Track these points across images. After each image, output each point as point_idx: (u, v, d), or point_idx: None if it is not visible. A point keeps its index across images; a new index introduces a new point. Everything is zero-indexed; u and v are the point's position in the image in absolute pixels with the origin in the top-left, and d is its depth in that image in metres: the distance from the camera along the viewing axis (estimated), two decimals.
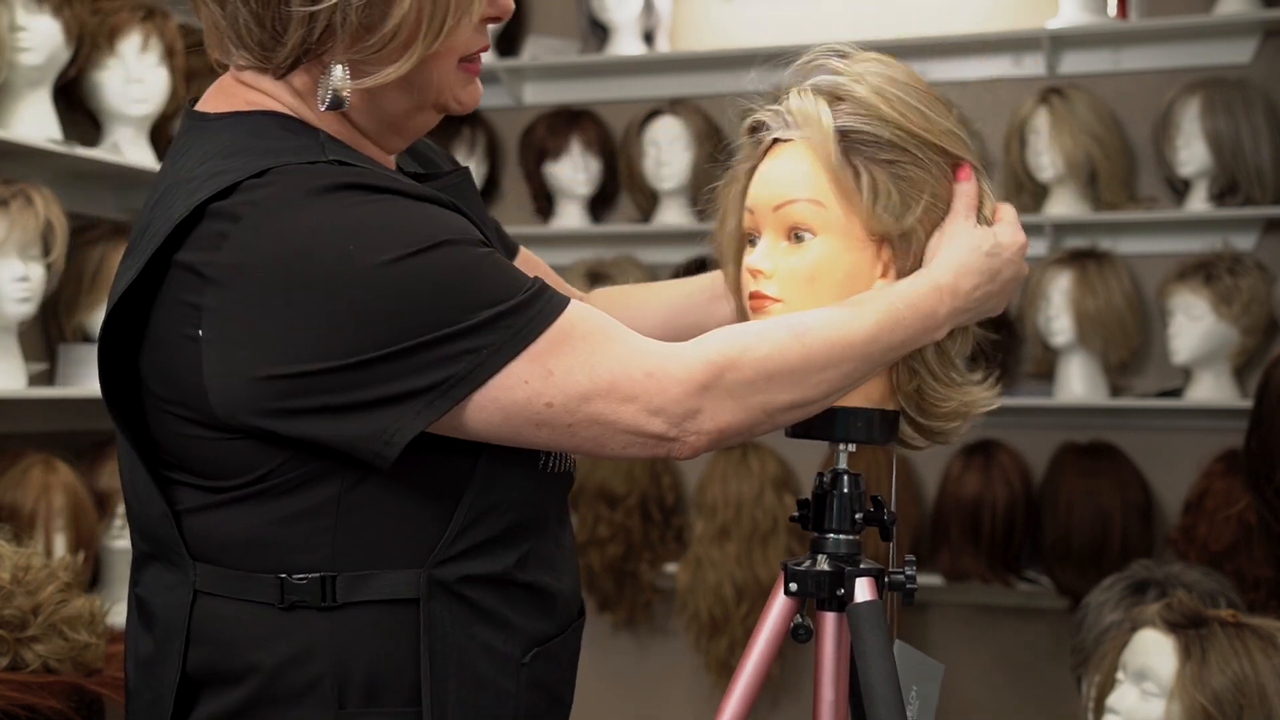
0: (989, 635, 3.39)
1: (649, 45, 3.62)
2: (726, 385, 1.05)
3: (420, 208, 1.02)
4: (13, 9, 2.47)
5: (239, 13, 1.04)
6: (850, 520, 1.20)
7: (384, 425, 0.99)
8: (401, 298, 0.97)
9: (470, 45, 1.10)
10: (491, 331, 0.99)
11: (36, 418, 2.67)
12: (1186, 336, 3.08)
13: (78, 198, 2.74)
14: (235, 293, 0.99)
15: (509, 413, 1.01)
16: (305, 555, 1.04)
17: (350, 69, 1.04)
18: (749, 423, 1.07)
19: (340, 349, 0.97)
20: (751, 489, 3.35)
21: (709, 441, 1.06)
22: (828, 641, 1.19)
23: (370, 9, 1.02)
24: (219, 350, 0.99)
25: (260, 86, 1.09)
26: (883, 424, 1.19)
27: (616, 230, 3.63)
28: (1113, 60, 3.34)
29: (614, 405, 1.02)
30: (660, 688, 3.64)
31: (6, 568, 1.80)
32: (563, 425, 1.02)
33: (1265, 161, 3.07)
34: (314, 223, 0.98)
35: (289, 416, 0.99)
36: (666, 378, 1.03)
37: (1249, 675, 1.74)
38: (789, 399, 1.08)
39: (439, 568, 1.06)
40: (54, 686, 1.76)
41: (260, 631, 1.05)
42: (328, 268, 0.97)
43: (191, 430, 1.04)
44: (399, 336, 0.97)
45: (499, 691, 1.09)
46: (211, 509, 1.06)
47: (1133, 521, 3.13)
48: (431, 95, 1.10)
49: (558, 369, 1.01)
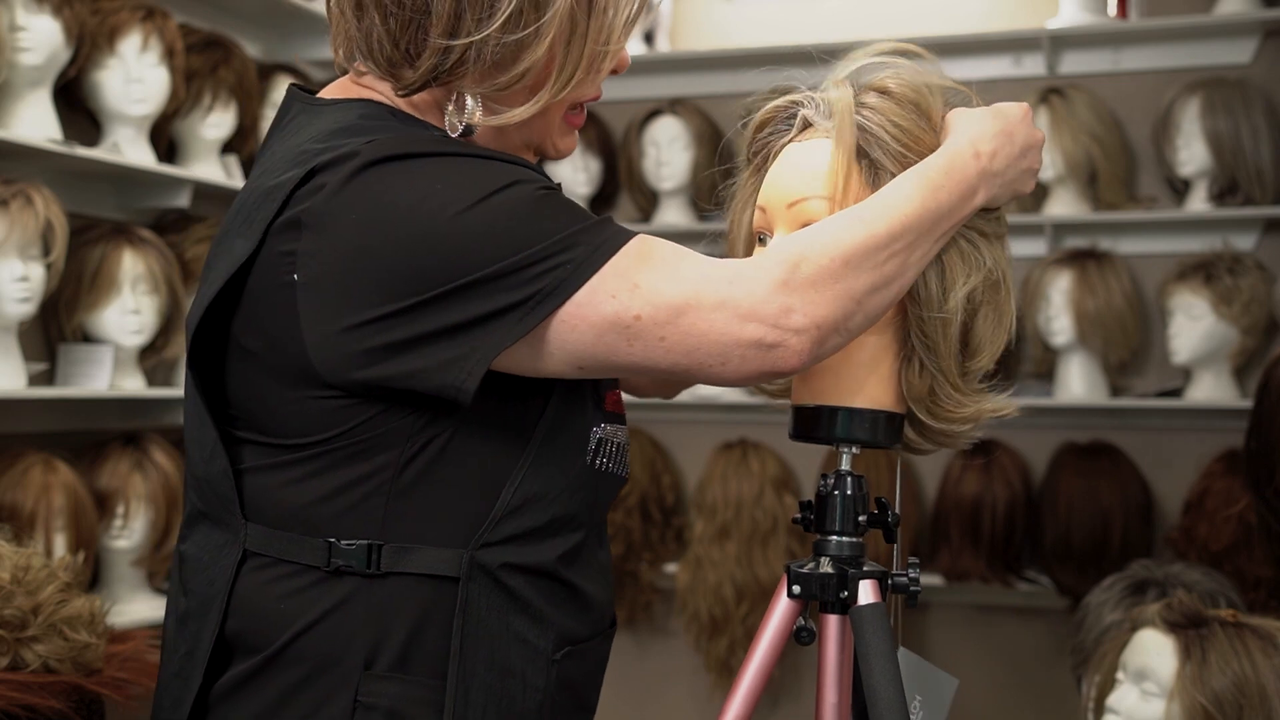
0: (989, 635, 3.39)
1: (649, 45, 3.62)
2: (806, 277, 1.03)
3: (495, 164, 1.04)
4: (13, 9, 2.46)
5: (374, 28, 1.07)
6: (853, 522, 1.20)
7: (472, 347, 1.00)
8: (482, 233, 0.99)
9: (585, 94, 1.15)
10: (572, 249, 1.00)
11: (36, 418, 2.67)
12: (1186, 336, 3.08)
13: (78, 198, 2.74)
14: (328, 238, 1.01)
15: (600, 329, 1.01)
16: (355, 522, 1.07)
17: (482, 104, 1.08)
18: (841, 313, 1.05)
19: (426, 284, 0.99)
20: (751, 489, 3.35)
21: (811, 341, 1.04)
22: (831, 644, 1.19)
23: (504, 50, 1.05)
24: (314, 293, 1.02)
25: (378, 89, 1.12)
26: (887, 426, 1.19)
27: None
28: (1113, 60, 3.34)
29: (705, 315, 1.01)
30: (660, 688, 3.64)
31: (6, 568, 1.80)
32: (655, 339, 1.02)
33: (1265, 161, 3.07)
34: (401, 176, 1.01)
35: (380, 357, 1.01)
36: (750, 280, 1.02)
37: (1249, 675, 1.74)
38: (869, 280, 1.07)
39: (482, 550, 1.07)
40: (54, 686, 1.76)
41: (301, 593, 1.07)
42: (412, 213, 1.00)
43: (272, 386, 1.06)
44: (482, 264, 0.99)
45: (526, 683, 1.10)
46: (273, 469, 1.08)
47: (1133, 521, 3.13)
48: (539, 138, 1.15)
49: (643, 282, 1.01)
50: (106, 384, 2.62)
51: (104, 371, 2.62)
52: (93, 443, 2.68)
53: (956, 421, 1.21)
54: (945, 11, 3.49)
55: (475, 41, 1.04)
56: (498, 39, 1.04)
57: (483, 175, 1.02)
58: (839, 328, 1.06)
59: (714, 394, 3.48)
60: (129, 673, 1.90)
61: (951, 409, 1.20)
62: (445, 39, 1.04)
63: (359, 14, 1.08)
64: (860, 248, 1.07)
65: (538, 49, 1.05)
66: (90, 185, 2.79)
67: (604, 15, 1.08)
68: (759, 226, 1.22)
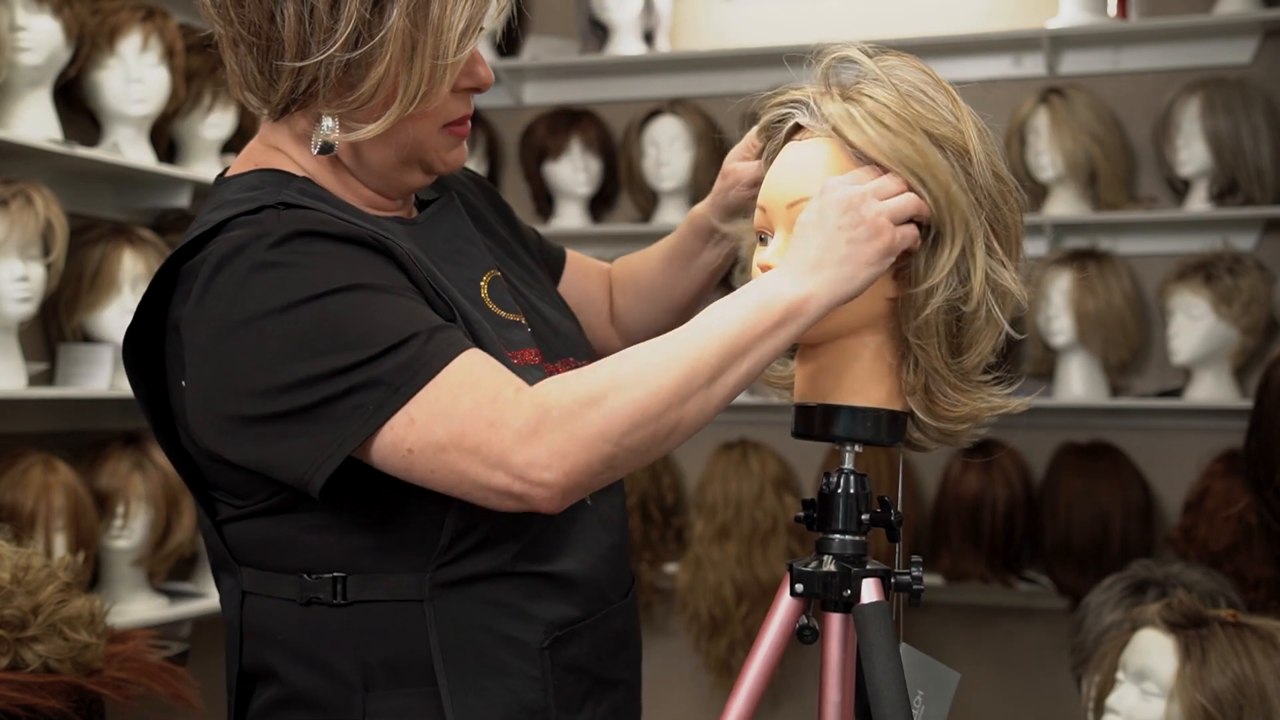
0: (989, 635, 3.39)
1: (649, 45, 3.62)
2: (555, 422, 1.03)
3: (323, 258, 1.09)
4: (13, 9, 2.46)
5: (246, 60, 1.16)
6: (856, 521, 1.19)
7: (299, 475, 1.07)
8: (293, 351, 1.06)
9: (452, 113, 1.19)
10: (367, 390, 1.05)
11: (36, 418, 2.66)
12: (1186, 336, 3.08)
13: (78, 198, 2.74)
14: (192, 349, 1.11)
15: (385, 457, 1.06)
16: (321, 558, 1.15)
17: (339, 122, 1.14)
18: (595, 456, 1.04)
19: (255, 400, 1.07)
20: (751, 489, 3.35)
21: (559, 492, 1.04)
22: (833, 642, 1.19)
23: (351, 70, 1.12)
24: (190, 398, 1.13)
25: (276, 144, 1.20)
26: (890, 425, 1.19)
27: (616, 230, 3.63)
28: (1113, 60, 3.34)
29: (462, 457, 1.04)
30: (660, 688, 3.63)
31: (6, 568, 1.79)
32: (425, 472, 1.06)
33: (1265, 161, 3.07)
34: (230, 286, 1.09)
35: (243, 448, 1.10)
36: (504, 427, 1.03)
37: (1249, 675, 1.74)
38: (625, 421, 1.04)
39: (440, 570, 1.13)
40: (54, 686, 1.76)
41: (289, 626, 1.16)
42: (238, 328, 1.08)
43: (205, 461, 1.17)
44: (294, 388, 1.06)
45: (524, 676, 1.15)
46: (242, 519, 1.18)
47: (1133, 521, 3.13)
48: (415, 154, 1.19)
49: (419, 416, 1.04)
50: (106, 384, 2.62)
51: (104, 371, 2.61)
52: (93, 443, 2.68)
53: (953, 420, 1.20)
54: (945, 11, 3.49)
55: (322, 61, 1.11)
56: (341, 59, 1.11)
57: (312, 274, 1.07)
58: (593, 470, 1.05)
59: None
60: (129, 673, 1.90)
61: (948, 407, 1.19)
62: (295, 61, 1.12)
63: (234, 51, 1.16)
64: (618, 387, 1.04)
65: (379, 66, 1.11)
66: (90, 185, 2.79)
67: (439, 32, 1.12)
68: (759, 227, 1.22)
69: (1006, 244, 1.20)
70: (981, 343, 1.19)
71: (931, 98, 1.17)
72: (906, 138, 1.15)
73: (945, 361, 1.18)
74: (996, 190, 1.18)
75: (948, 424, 1.20)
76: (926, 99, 1.17)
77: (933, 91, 1.18)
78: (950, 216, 1.15)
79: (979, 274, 1.16)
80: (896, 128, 1.15)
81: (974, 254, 1.16)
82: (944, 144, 1.16)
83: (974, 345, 1.18)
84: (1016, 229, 1.21)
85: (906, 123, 1.15)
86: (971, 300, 1.16)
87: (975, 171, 1.16)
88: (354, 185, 1.21)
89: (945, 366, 1.18)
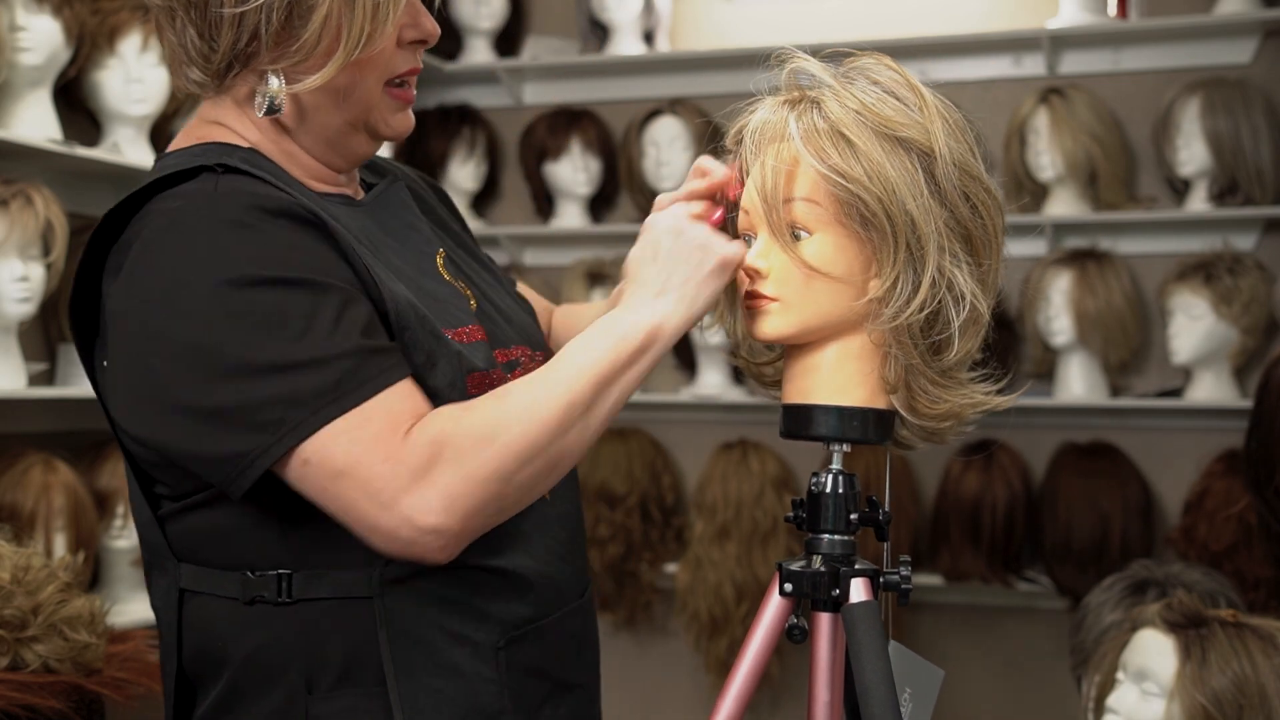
0: (989, 635, 3.39)
1: (649, 45, 3.62)
2: (447, 461, 1.01)
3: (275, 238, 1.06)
4: (13, 9, 2.47)
5: (185, 27, 1.13)
6: (845, 521, 1.19)
7: (219, 478, 1.05)
8: (216, 340, 1.03)
9: (396, 66, 1.17)
10: (287, 405, 1.02)
11: (36, 418, 2.67)
12: (1186, 336, 3.08)
13: (78, 198, 2.74)
14: (114, 332, 1.08)
15: (289, 466, 1.03)
16: (264, 554, 1.11)
17: (285, 77, 1.12)
18: (487, 495, 1.03)
19: (172, 393, 1.04)
20: (751, 489, 3.35)
21: (450, 538, 1.02)
22: (823, 642, 1.19)
23: (292, 16, 1.09)
24: (113, 377, 1.11)
25: (217, 118, 1.17)
26: (877, 423, 1.19)
27: (616, 230, 3.63)
28: (1113, 60, 3.34)
29: (355, 488, 1.01)
30: (660, 688, 3.64)
31: (6, 568, 1.80)
32: (318, 489, 1.03)
33: (1265, 161, 3.07)
34: (172, 254, 1.05)
35: (161, 440, 1.07)
36: (397, 464, 1.01)
37: (1249, 675, 1.74)
38: (516, 455, 1.03)
39: (389, 566, 1.10)
40: (54, 686, 1.76)
41: (232, 625, 1.12)
42: (160, 312, 1.04)
43: (134, 446, 1.13)
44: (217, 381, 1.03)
45: (479, 677, 1.13)
46: (183, 513, 1.14)
47: (1133, 521, 3.12)
48: (361, 114, 1.17)
49: (324, 432, 1.02)
50: None
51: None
52: (93, 443, 2.68)
53: (935, 417, 1.19)
54: (945, 11, 3.48)
55: (261, 5, 1.08)
56: (283, 2, 1.09)
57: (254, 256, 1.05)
58: (485, 512, 1.04)
59: (714, 394, 3.48)
60: (129, 673, 1.90)
61: (929, 404, 1.19)
62: (234, 8, 1.09)
63: (172, 25, 1.14)
64: (507, 423, 1.04)
65: (321, 7, 1.09)
66: (90, 185, 2.79)
67: None
68: (743, 228, 1.22)
69: (974, 243, 1.18)
70: (960, 341, 1.17)
71: (900, 98, 1.17)
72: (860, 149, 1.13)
73: (924, 359, 1.17)
74: (965, 190, 1.17)
75: (930, 421, 1.20)
76: (892, 101, 1.16)
77: (902, 92, 1.17)
78: (891, 225, 1.13)
79: (928, 277, 1.14)
80: (852, 138, 1.13)
81: (924, 258, 1.15)
82: (908, 146, 1.14)
83: (952, 343, 1.17)
84: (989, 228, 1.19)
85: (862, 132, 1.13)
86: (913, 304, 1.14)
87: (940, 172, 1.15)
88: (298, 156, 1.18)
89: (924, 364, 1.17)
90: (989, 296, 1.19)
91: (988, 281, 1.19)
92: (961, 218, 1.17)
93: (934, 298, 1.15)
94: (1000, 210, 1.20)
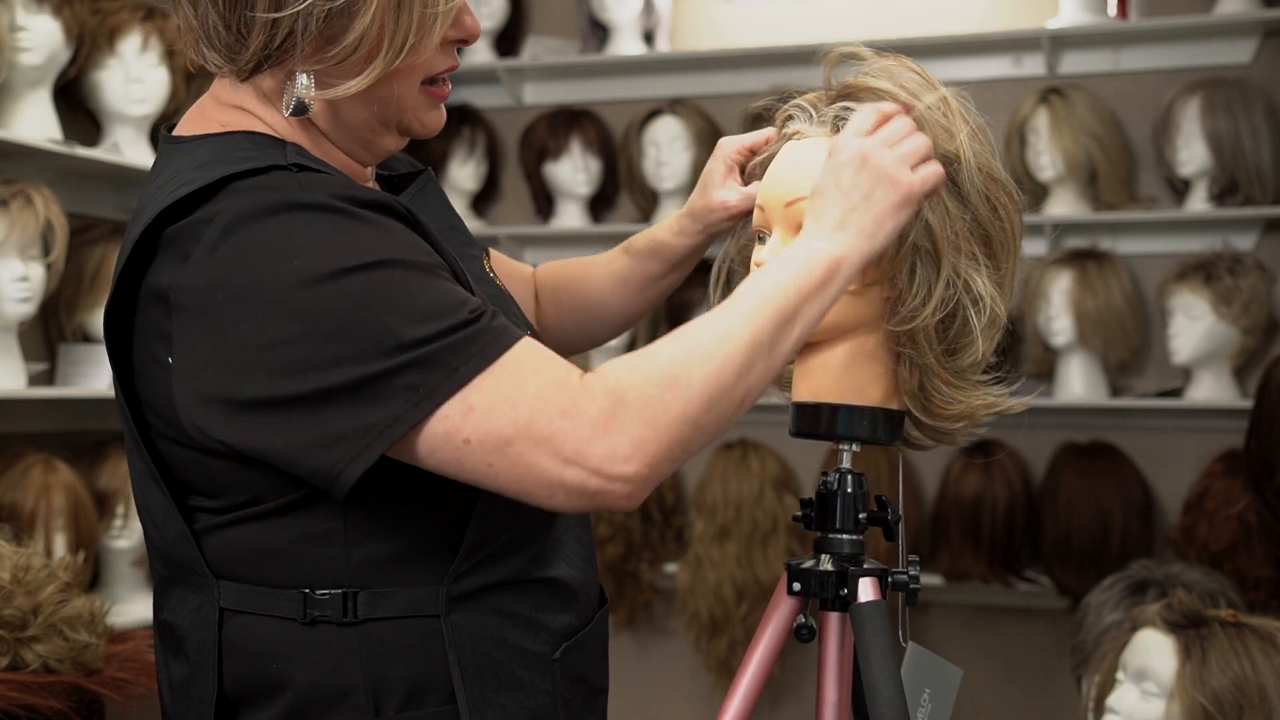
0: (989, 635, 3.39)
1: (649, 45, 3.62)
2: (633, 407, 0.97)
3: (364, 224, 1.00)
4: (13, 9, 2.46)
5: (209, 14, 1.05)
6: (854, 520, 1.20)
7: (330, 463, 0.97)
8: (335, 323, 0.96)
9: (434, 66, 1.11)
10: (420, 369, 0.95)
11: (36, 418, 2.67)
12: (1186, 336, 3.08)
13: (78, 198, 2.74)
14: (194, 318, 0.99)
15: (434, 449, 0.97)
16: (326, 572, 1.05)
17: (315, 79, 1.05)
18: (675, 439, 1.00)
19: (282, 376, 0.97)
20: (751, 489, 3.35)
21: (639, 484, 0.98)
22: (831, 641, 1.19)
23: (332, 20, 1.02)
24: (184, 374, 1.00)
25: (238, 103, 1.10)
26: (887, 423, 1.19)
27: (616, 230, 3.63)
28: (1113, 60, 3.34)
29: (531, 449, 0.96)
30: (660, 688, 3.64)
31: (6, 568, 1.80)
32: (482, 466, 0.97)
33: (1265, 161, 3.07)
34: (260, 244, 0.98)
35: (249, 442, 0.99)
36: (579, 416, 0.96)
37: (1249, 675, 1.74)
38: (702, 398, 1.00)
39: (457, 582, 1.07)
40: (54, 686, 1.76)
41: (288, 646, 1.06)
42: (270, 292, 0.97)
43: (184, 454, 1.05)
44: (334, 363, 0.96)
45: (537, 690, 1.10)
46: (226, 527, 1.06)
47: (1133, 521, 3.12)
48: (394, 113, 1.11)
49: (480, 403, 0.96)
50: (106, 384, 2.62)
51: (104, 371, 2.61)
52: (93, 443, 2.68)
53: (948, 419, 1.20)
54: (945, 11, 3.49)
55: (300, 12, 1.02)
56: (321, 8, 1.02)
57: (346, 243, 0.99)
58: (673, 456, 1.00)
59: None
60: (129, 673, 1.90)
61: (942, 405, 1.19)
62: (270, 12, 1.02)
63: (194, 5, 1.06)
64: (690, 365, 1.00)
65: (364, 16, 1.02)
66: (90, 185, 2.79)
67: None
68: (758, 225, 1.22)
69: (993, 246, 1.19)
70: (976, 343, 1.18)
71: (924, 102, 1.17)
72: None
73: (939, 360, 1.17)
74: (987, 193, 1.17)
75: (943, 422, 1.20)
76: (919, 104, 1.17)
77: (926, 95, 1.18)
78: (914, 226, 1.14)
79: (943, 279, 1.14)
80: None
81: (940, 260, 1.15)
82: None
83: (968, 345, 1.18)
84: (1010, 231, 1.19)
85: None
86: (930, 306, 1.14)
87: (963, 177, 1.16)
88: (327, 149, 1.12)
89: (939, 365, 1.17)
90: (1006, 299, 1.19)
91: (1005, 284, 1.19)
92: (982, 220, 1.17)
93: (951, 300, 1.15)
94: (1019, 211, 1.21)
